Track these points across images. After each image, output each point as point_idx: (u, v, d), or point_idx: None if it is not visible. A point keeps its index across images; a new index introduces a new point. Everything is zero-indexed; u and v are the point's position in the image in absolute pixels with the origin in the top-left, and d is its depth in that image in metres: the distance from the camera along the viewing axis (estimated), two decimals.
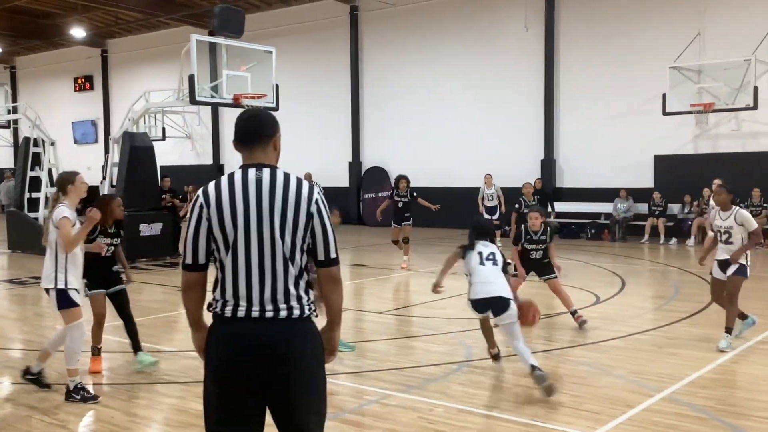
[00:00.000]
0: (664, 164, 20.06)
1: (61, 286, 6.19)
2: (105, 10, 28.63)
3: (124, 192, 15.80)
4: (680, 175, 19.50)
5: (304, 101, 26.49)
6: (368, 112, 26.02)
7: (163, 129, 29.49)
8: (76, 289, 6.30)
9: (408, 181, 14.90)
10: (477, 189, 18.73)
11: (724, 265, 7.89)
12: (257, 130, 3.31)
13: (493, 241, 7.25)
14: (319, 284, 3.29)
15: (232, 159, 30.07)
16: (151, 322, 9.50)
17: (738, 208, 7.82)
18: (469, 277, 6.97)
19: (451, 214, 19.87)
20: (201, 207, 3.19)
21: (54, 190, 17.94)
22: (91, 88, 35.01)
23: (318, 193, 3.24)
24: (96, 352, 7.26)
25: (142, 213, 15.83)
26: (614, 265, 14.80)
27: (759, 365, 7.06)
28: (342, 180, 26.28)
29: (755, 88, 17.82)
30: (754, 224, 7.73)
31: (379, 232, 22.99)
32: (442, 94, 24.02)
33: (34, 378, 6.48)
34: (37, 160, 18.49)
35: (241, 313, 3.12)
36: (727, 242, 7.82)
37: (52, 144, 18.47)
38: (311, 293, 3.25)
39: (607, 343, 8.08)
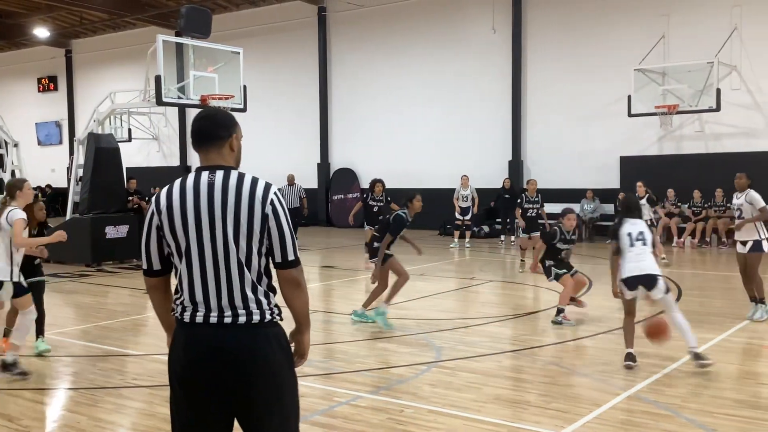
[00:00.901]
0: (629, 165, 20.30)
1: (15, 279, 7.00)
2: (69, 9, 28.25)
3: (90, 194, 15.62)
4: (645, 176, 19.73)
5: (273, 102, 26.38)
6: (337, 113, 26.00)
7: (129, 130, 29.11)
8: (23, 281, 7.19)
9: (384, 185, 14.68)
10: (446, 190, 18.83)
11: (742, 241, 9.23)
12: (211, 131, 3.20)
13: (640, 217, 7.51)
14: (281, 288, 3.18)
15: (199, 161, 29.81)
16: (118, 325, 9.39)
17: (750, 190, 9.17)
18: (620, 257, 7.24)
19: (418, 216, 19.87)
20: (152, 213, 3.14)
21: None
22: (56, 88, 34.54)
23: (274, 192, 3.12)
24: (6, 333, 7.61)
25: (108, 215, 15.65)
26: (581, 265, 14.92)
27: (722, 363, 7.17)
28: (311, 181, 26.17)
29: (718, 90, 18.12)
30: (761, 203, 9.01)
31: (347, 233, 22.96)
32: (410, 95, 24.08)
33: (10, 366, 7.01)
34: None
35: (199, 318, 3.06)
36: (738, 218, 9.30)
37: (16, 145, 18.20)
38: (272, 296, 3.17)
39: (574, 342, 8.15)
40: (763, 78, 18.75)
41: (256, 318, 3.06)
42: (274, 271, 3.18)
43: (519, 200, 14.93)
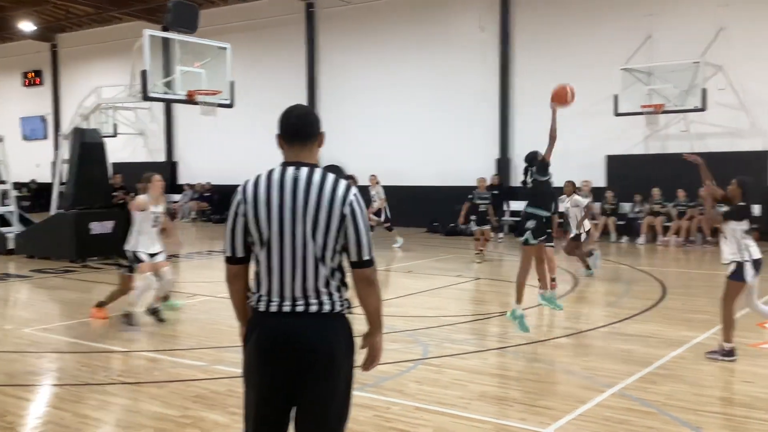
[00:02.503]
0: (615, 164, 20.40)
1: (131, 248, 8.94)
2: (55, 3, 28.04)
3: (74, 189, 15.51)
4: (631, 175, 19.86)
5: (260, 99, 26.28)
6: (324, 109, 25.94)
7: (115, 125, 28.97)
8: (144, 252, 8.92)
9: (355, 181, 14.59)
10: (434, 187, 18.84)
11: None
12: (305, 130, 3.30)
13: None
14: (355, 286, 3.28)
15: (186, 156, 29.77)
16: (102, 322, 9.34)
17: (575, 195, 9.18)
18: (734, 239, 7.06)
19: (405, 213, 19.96)
20: (238, 203, 3.26)
21: (1, 186, 17.52)
22: (41, 83, 34.28)
23: (354, 194, 3.21)
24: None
25: (93, 211, 15.55)
26: (567, 263, 15.00)
27: (706, 361, 7.22)
28: None
29: (704, 90, 18.21)
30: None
31: None
32: (398, 92, 24.07)
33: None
34: None
35: (273, 308, 3.19)
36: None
37: (0, 140, 18.03)
38: (344, 291, 3.27)
39: (559, 339, 8.18)
40: (748, 78, 18.87)
41: (326, 308, 3.18)
42: (348, 269, 3.27)
43: (470, 195, 15.79)
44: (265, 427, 3.26)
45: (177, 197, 28.83)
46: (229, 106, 16.66)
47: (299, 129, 3.29)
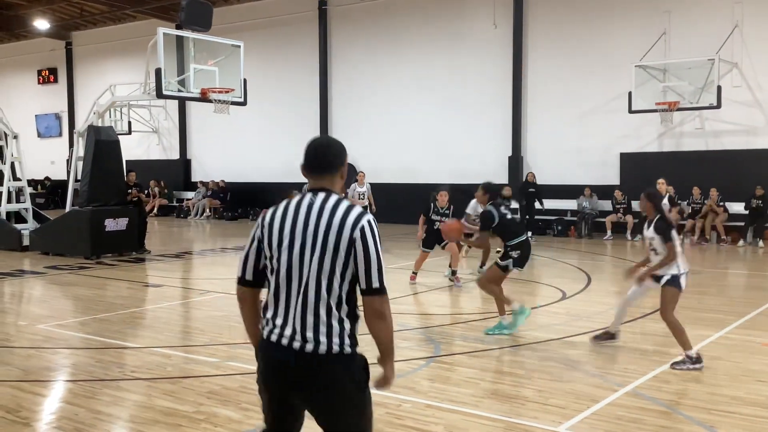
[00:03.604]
0: (629, 162, 20.31)
1: None
2: (69, 1, 28.25)
3: (89, 186, 15.60)
4: (645, 173, 19.74)
5: (273, 96, 26.36)
6: (337, 107, 25.97)
7: (129, 123, 29.15)
8: None
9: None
10: (446, 186, 18.60)
11: None
12: (327, 161, 3.28)
13: None
14: (364, 316, 3.19)
15: (199, 153, 29.87)
16: (116, 318, 9.40)
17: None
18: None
19: (415, 210, 19.88)
20: (257, 226, 3.30)
21: (17, 183, 17.60)
22: (56, 80, 34.49)
23: (367, 219, 3.13)
24: None
25: (108, 208, 15.64)
26: (580, 261, 14.96)
27: (720, 360, 7.18)
28: None
29: (719, 88, 18.10)
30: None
31: None
32: (410, 90, 24.06)
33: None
34: None
35: (274, 336, 3.16)
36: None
37: (15, 137, 18.16)
38: (350, 324, 3.17)
39: (572, 338, 8.16)
40: (763, 75, 18.73)
41: (323, 348, 3.09)
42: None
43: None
44: (281, 427, 3.34)
45: (190, 195, 28.95)
46: (242, 104, 16.71)
47: (319, 161, 3.27)
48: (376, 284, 3.11)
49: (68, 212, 16.37)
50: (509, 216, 8.51)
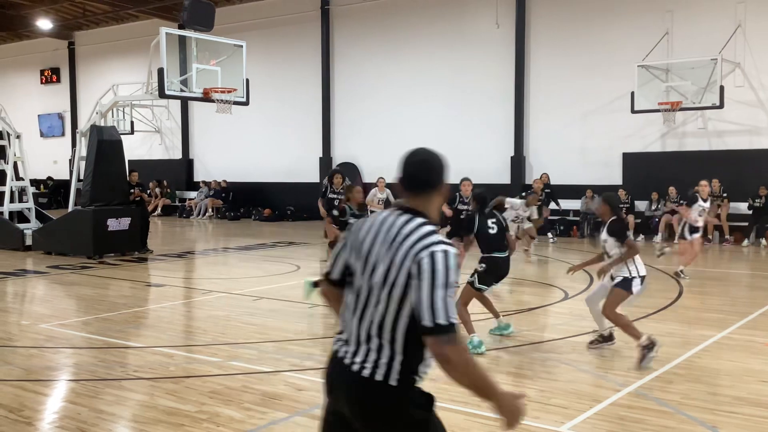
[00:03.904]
0: (631, 162, 20.29)
1: None
2: (72, 1, 28.28)
3: (92, 186, 15.61)
4: (647, 173, 19.75)
5: (275, 96, 26.37)
6: (339, 107, 25.97)
7: (132, 123, 29.20)
8: None
9: (344, 177, 13.50)
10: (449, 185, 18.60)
11: None
12: (421, 179, 3.01)
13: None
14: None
15: (202, 153, 29.89)
16: (119, 318, 9.40)
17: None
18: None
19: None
20: (350, 231, 3.09)
21: (20, 183, 17.59)
22: (58, 80, 34.52)
23: (438, 251, 2.75)
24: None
25: (110, 207, 15.65)
26: (583, 261, 14.92)
27: (722, 360, 7.17)
28: (312, 175, 26.19)
29: (721, 88, 18.08)
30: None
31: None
32: (413, 89, 24.06)
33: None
34: (2, 153, 18.19)
35: (335, 347, 3.03)
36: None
37: (18, 137, 18.18)
38: (407, 358, 2.90)
39: (574, 338, 8.15)
40: (766, 75, 18.71)
41: (366, 372, 2.87)
42: None
43: (523, 194, 14.26)
44: None
45: (193, 194, 28.97)
46: (245, 103, 16.71)
47: (413, 178, 3.00)
48: (429, 322, 2.71)
49: (71, 212, 16.39)
50: (492, 230, 7.96)
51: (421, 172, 3.01)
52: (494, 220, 8.06)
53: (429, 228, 2.85)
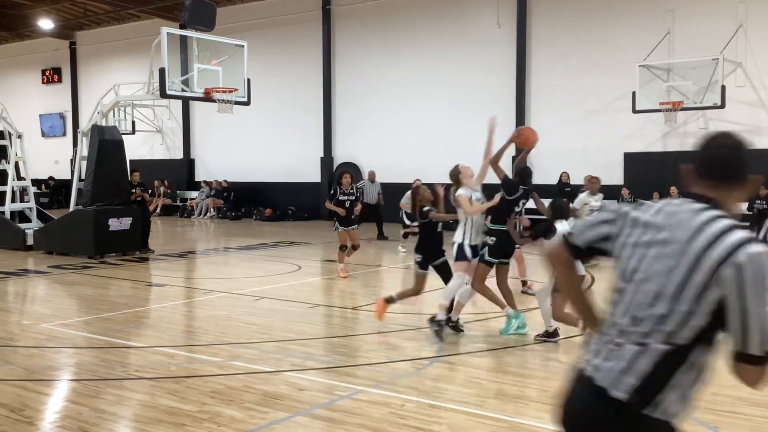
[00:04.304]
0: (633, 162, 20.29)
1: (459, 240, 8.20)
2: (74, 1, 28.32)
3: (93, 186, 15.61)
4: (649, 173, 19.73)
5: (276, 96, 26.38)
6: (340, 107, 25.98)
7: (133, 123, 29.23)
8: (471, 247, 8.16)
9: (352, 177, 13.06)
10: (448, 185, 18.65)
11: None
12: (731, 169, 2.51)
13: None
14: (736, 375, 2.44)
15: (203, 153, 29.89)
16: (120, 317, 9.41)
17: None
18: None
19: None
20: (617, 214, 2.57)
21: (21, 183, 17.65)
22: (60, 80, 34.55)
23: (751, 254, 2.20)
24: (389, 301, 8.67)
25: (111, 207, 15.66)
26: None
27: (722, 360, 7.16)
28: (314, 175, 26.21)
29: (723, 87, 18.07)
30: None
31: None
32: (414, 89, 24.06)
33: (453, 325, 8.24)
34: (3, 153, 18.21)
35: (593, 339, 2.57)
36: None
37: (19, 137, 18.19)
38: (672, 390, 2.42)
39: (576, 338, 8.14)
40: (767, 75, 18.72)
41: (621, 394, 2.34)
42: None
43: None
44: None
45: (194, 194, 28.98)
46: (246, 103, 16.71)
47: (722, 162, 2.51)
48: (754, 350, 2.27)
49: (72, 212, 16.39)
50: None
51: (735, 157, 2.52)
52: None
53: (731, 223, 2.31)
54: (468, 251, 8.16)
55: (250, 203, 27.30)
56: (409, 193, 14.89)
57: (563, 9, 21.55)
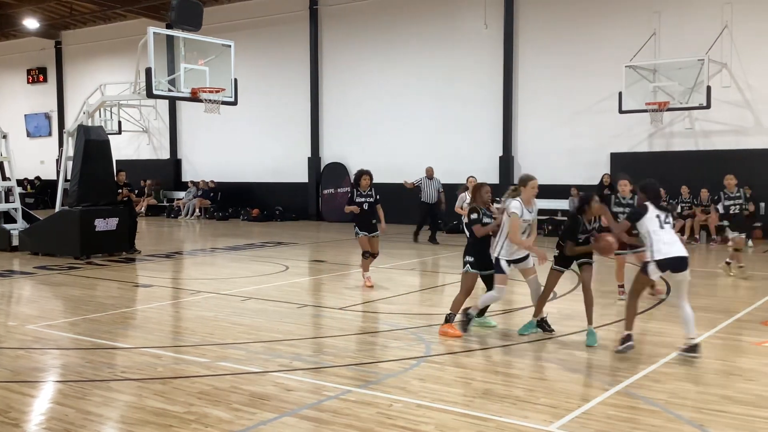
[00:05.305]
0: (619, 162, 20.35)
1: (497, 255, 8.13)
2: (59, 1, 28.13)
3: (79, 186, 15.54)
4: (635, 173, 19.70)
5: (264, 96, 26.34)
6: (328, 107, 25.96)
7: (119, 122, 29.08)
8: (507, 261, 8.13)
9: (371, 178, 12.06)
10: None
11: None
12: None
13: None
14: None
15: (190, 153, 29.79)
16: (107, 318, 9.36)
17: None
18: (647, 239, 7.29)
19: (408, 210, 19.96)
20: None
21: (6, 183, 17.52)
22: (45, 80, 34.36)
23: None
24: (449, 319, 8.37)
25: (98, 207, 15.58)
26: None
27: (709, 359, 7.21)
28: (301, 175, 26.18)
29: (708, 88, 18.18)
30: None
31: (338, 228, 22.95)
32: (401, 89, 24.08)
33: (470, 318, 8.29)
34: None
35: None
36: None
37: (4, 137, 18.06)
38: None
39: (563, 338, 8.17)
40: (753, 75, 18.84)
41: None
42: None
43: (716, 197, 13.00)
44: None
45: (181, 194, 28.89)
46: (233, 103, 16.68)
47: None
48: None
49: (58, 212, 16.30)
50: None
51: None
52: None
53: None
54: (504, 265, 8.14)
55: (238, 203, 27.24)
56: (463, 195, 13.83)
57: (550, 10, 21.62)
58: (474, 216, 8.34)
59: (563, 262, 8.34)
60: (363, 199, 11.74)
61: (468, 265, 8.38)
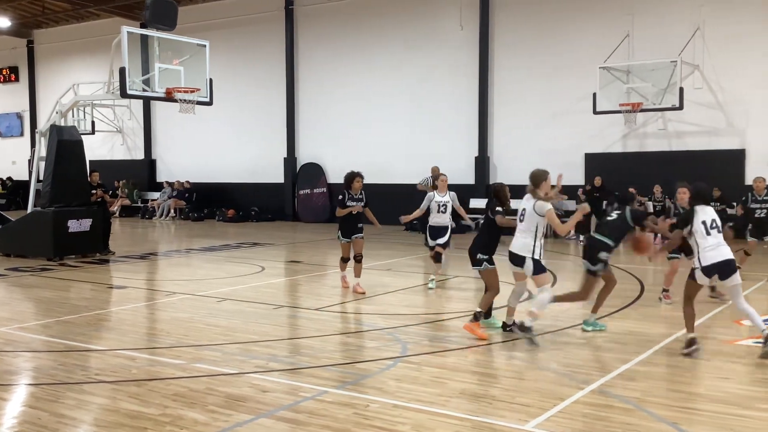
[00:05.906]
0: (594, 162, 20.54)
1: (536, 257, 8.01)
2: None
3: (52, 187, 15.37)
4: (609, 173, 19.98)
5: (239, 96, 26.22)
6: (304, 107, 25.90)
7: (93, 123, 28.82)
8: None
9: (362, 179, 11.42)
10: (413, 185, 18.68)
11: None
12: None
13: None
14: None
15: (164, 153, 29.58)
16: (80, 320, 9.27)
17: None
18: (694, 245, 7.40)
19: (384, 211, 19.93)
20: None
21: None
22: (17, 79, 33.94)
23: None
24: (477, 318, 8.29)
25: (71, 208, 15.43)
26: (545, 260, 15.04)
27: (682, 358, 7.28)
28: (277, 176, 26.09)
29: (681, 89, 18.38)
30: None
31: (314, 228, 22.92)
32: (377, 90, 24.09)
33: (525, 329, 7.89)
34: None
35: None
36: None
37: None
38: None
39: (538, 337, 8.21)
40: (724, 77, 19.07)
41: None
42: None
43: (743, 198, 12.60)
44: None
45: (155, 195, 28.66)
46: (208, 103, 16.59)
47: None
48: None
49: (30, 213, 16.11)
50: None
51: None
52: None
53: None
54: (545, 264, 8.21)
55: (213, 204, 27.10)
56: (431, 194, 12.96)
57: (525, 11, 21.75)
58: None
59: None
60: (355, 202, 11.30)
61: (485, 262, 8.43)
